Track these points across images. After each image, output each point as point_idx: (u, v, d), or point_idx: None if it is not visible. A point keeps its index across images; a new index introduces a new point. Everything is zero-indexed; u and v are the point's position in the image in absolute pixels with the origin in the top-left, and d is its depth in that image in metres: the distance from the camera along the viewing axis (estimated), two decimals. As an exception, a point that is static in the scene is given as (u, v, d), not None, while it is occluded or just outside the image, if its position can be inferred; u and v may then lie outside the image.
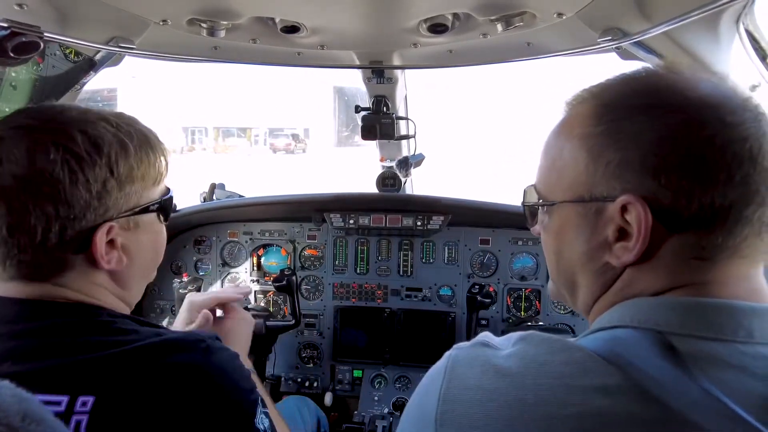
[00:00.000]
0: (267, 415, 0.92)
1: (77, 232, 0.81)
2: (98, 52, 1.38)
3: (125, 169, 0.86)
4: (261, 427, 0.87)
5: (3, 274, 0.82)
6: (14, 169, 0.78)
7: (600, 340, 0.62)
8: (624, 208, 0.63)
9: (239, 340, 1.35)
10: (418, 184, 2.86)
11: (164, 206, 0.97)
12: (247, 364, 1.25)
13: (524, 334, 0.66)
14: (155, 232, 0.98)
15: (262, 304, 2.47)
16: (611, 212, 0.65)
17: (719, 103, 0.62)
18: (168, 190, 1.00)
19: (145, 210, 0.92)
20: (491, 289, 2.09)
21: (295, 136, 37.79)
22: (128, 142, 0.87)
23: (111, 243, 0.86)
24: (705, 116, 0.61)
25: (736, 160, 0.60)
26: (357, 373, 2.38)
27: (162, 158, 0.95)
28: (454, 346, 0.70)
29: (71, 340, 0.79)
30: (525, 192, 0.82)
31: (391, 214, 2.31)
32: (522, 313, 2.32)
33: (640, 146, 0.62)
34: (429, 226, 2.29)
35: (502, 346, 0.66)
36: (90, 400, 0.73)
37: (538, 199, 0.77)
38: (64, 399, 0.73)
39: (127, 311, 0.95)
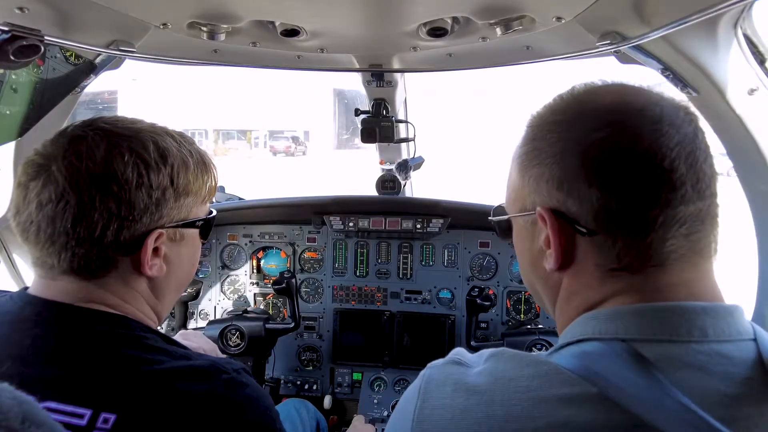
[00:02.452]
0: None
1: (131, 234, 0.86)
2: (98, 55, 1.38)
3: (183, 181, 0.92)
4: None
5: (55, 268, 0.85)
6: (91, 166, 0.83)
7: (570, 356, 0.64)
8: (543, 218, 0.69)
9: None
10: (417, 187, 2.86)
11: (207, 224, 1.03)
12: None
13: (495, 351, 0.69)
14: (194, 247, 1.03)
15: (262, 307, 2.47)
16: (539, 222, 0.70)
17: (624, 113, 0.66)
18: (211, 211, 1.06)
19: (192, 224, 0.98)
20: (491, 292, 2.09)
21: (295, 139, 37.78)
22: (189, 158, 0.94)
23: (156, 251, 0.91)
24: (605, 126, 0.65)
25: (635, 165, 0.63)
26: (356, 376, 2.38)
27: (212, 179, 1.03)
28: (428, 364, 0.73)
29: (102, 354, 0.80)
30: (493, 210, 0.89)
31: (390, 217, 2.31)
32: (521, 316, 2.32)
33: (549, 160, 0.68)
34: (428, 229, 2.30)
35: (473, 364, 0.69)
36: (112, 417, 0.74)
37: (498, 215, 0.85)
38: (88, 413, 0.74)
39: (156, 324, 0.99)
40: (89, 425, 0.73)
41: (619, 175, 0.63)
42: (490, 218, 0.89)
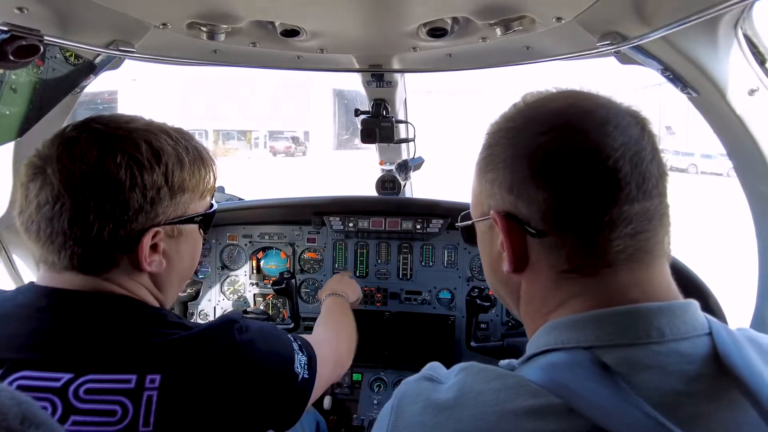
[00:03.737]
0: (302, 349, 1.06)
1: (127, 233, 0.88)
2: (98, 55, 1.38)
3: (179, 179, 0.94)
4: (299, 371, 1.01)
5: (57, 264, 0.88)
6: (84, 169, 0.85)
7: (537, 369, 0.65)
8: (496, 221, 0.71)
9: None
10: (417, 188, 2.86)
11: (207, 218, 1.05)
12: None
13: (465, 365, 0.70)
14: (194, 241, 1.05)
15: (261, 308, 2.47)
16: (495, 226, 0.72)
17: (570, 116, 0.68)
18: (211, 204, 1.08)
19: (190, 220, 0.99)
20: (491, 293, 2.08)
21: (295, 139, 37.79)
22: (184, 156, 0.95)
23: (155, 247, 0.93)
24: (550, 129, 0.68)
25: (579, 165, 0.64)
26: (356, 377, 2.37)
27: (211, 174, 1.04)
28: (403, 381, 0.75)
29: (128, 327, 0.87)
30: (461, 216, 0.91)
31: (390, 218, 2.31)
32: (521, 316, 2.31)
33: (501, 165, 0.71)
34: (428, 230, 2.29)
35: (445, 379, 0.70)
36: (157, 378, 0.81)
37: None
38: (134, 377, 0.81)
39: None
40: (138, 387, 0.80)
41: (564, 175, 0.65)
42: (456, 224, 0.92)
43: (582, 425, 0.56)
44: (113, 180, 0.85)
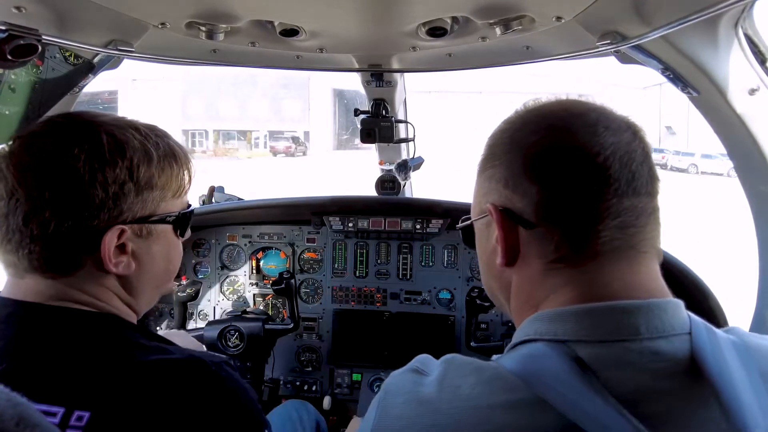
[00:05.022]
0: None
1: (88, 231, 0.82)
2: (97, 54, 1.38)
3: (145, 175, 0.87)
4: None
5: (18, 266, 0.83)
6: (39, 161, 0.81)
7: (516, 358, 0.67)
8: (492, 215, 0.73)
9: None
10: (417, 188, 2.85)
11: (181, 220, 0.97)
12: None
13: (448, 358, 0.72)
14: (168, 243, 0.96)
15: (261, 308, 2.46)
16: (492, 222, 0.74)
17: (563, 117, 0.72)
18: (189, 205, 1.00)
19: (162, 220, 0.92)
20: (490, 293, 2.07)
21: (295, 139, 37.81)
22: (153, 151, 0.89)
23: (122, 248, 0.87)
24: (544, 128, 0.71)
25: (570, 160, 0.68)
26: (356, 377, 2.37)
27: (185, 172, 0.97)
28: (391, 373, 0.77)
29: (74, 351, 0.78)
30: (461, 219, 0.92)
31: (390, 218, 2.31)
32: (521, 316, 2.31)
33: (498, 162, 0.75)
34: (428, 230, 2.29)
35: (429, 371, 0.71)
36: (86, 415, 0.72)
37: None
38: (60, 411, 0.72)
39: (134, 319, 0.95)
40: (62, 423, 0.71)
41: (555, 169, 0.68)
42: (457, 226, 0.94)
43: (552, 418, 0.58)
44: (71, 173, 0.80)
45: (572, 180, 0.67)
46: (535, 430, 0.58)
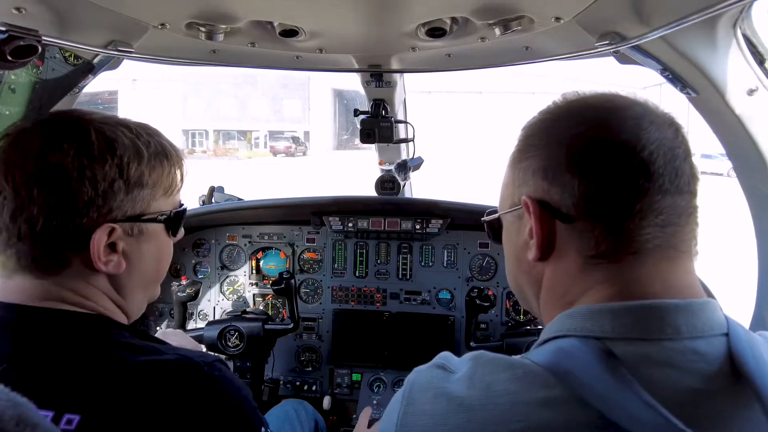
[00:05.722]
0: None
1: (77, 229, 0.81)
2: (97, 55, 1.38)
3: (136, 173, 0.86)
4: None
5: (7, 266, 0.82)
6: (28, 158, 0.79)
7: (546, 353, 0.65)
8: (528, 208, 0.71)
9: None
10: (417, 188, 2.86)
11: (173, 219, 0.95)
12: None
13: (475, 354, 0.70)
14: (160, 243, 0.95)
15: (261, 308, 2.47)
16: (525, 215, 0.73)
17: (607, 110, 0.71)
18: (181, 204, 0.99)
19: (153, 219, 0.91)
20: (490, 293, 2.08)
21: (295, 139, 37.80)
22: (143, 149, 0.87)
23: (113, 246, 0.85)
24: (588, 120, 0.70)
25: (614, 154, 0.66)
26: (356, 377, 2.37)
27: (177, 171, 0.95)
28: (414, 369, 0.75)
29: (62, 353, 0.77)
30: (486, 212, 0.92)
31: (389, 218, 2.31)
32: (521, 316, 2.32)
33: (537, 153, 0.73)
34: (428, 230, 2.29)
35: (456, 368, 0.70)
36: (76, 418, 0.70)
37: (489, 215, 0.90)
38: (50, 414, 0.70)
39: (125, 320, 0.93)
40: None
41: (599, 163, 0.67)
42: (482, 218, 0.93)
43: (590, 415, 0.57)
44: (59, 170, 0.79)
45: (616, 174, 0.66)
46: (572, 428, 0.57)
